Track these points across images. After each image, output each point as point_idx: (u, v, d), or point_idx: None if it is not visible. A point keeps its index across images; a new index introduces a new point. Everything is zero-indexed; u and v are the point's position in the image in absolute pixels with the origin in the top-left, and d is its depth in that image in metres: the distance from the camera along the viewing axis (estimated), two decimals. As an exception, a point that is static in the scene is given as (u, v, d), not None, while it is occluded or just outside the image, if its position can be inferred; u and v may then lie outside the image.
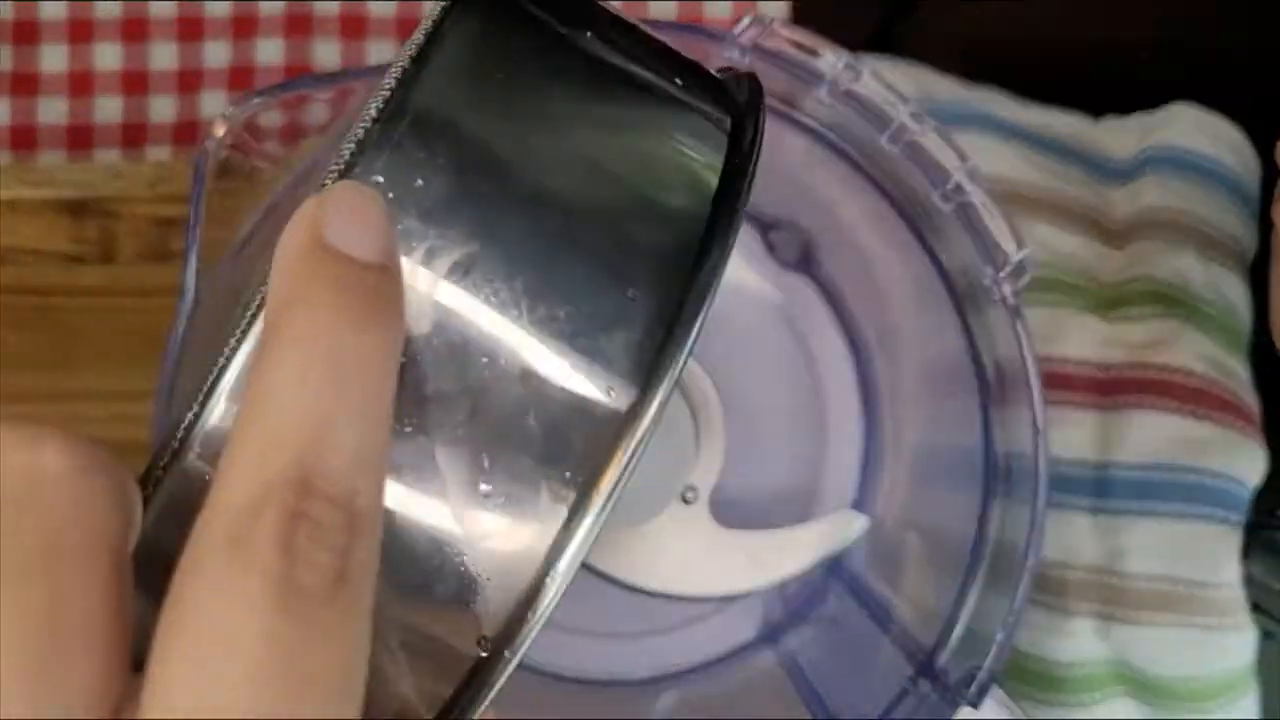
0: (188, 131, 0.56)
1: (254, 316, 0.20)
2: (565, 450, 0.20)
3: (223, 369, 0.20)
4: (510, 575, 0.20)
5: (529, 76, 0.22)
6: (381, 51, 0.56)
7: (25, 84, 0.56)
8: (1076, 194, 0.52)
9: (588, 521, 0.20)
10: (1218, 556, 0.48)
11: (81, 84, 0.56)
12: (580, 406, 0.20)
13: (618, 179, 0.22)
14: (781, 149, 0.43)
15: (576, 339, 0.20)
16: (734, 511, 0.45)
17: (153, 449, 0.20)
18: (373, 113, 0.20)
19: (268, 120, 0.36)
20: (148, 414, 0.36)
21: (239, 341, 0.20)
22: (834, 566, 0.46)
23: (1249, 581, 0.49)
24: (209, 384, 0.20)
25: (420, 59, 0.21)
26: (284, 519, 0.17)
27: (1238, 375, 0.51)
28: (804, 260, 0.47)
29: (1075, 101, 0.54)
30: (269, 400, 0.18)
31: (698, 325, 0.20)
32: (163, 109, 0.56)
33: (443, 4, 0.22)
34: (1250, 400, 0.50)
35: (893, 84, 0.36)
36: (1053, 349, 0.51)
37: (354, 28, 0.56)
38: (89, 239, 0.51)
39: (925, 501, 0.44)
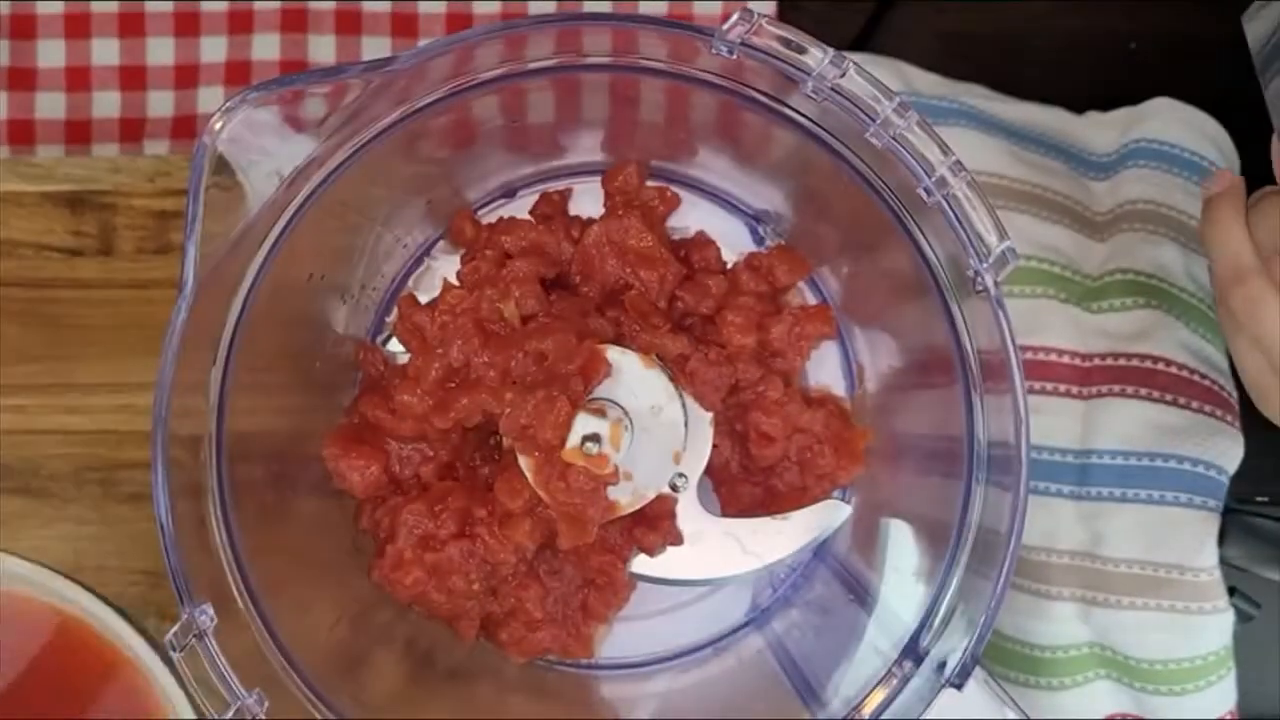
0: (185, 126, 0.56)
1: None
2: None
3: None
4: None
5: None
6: (377, 47, 0.56)
7: (22, 79, 0.56)
8: (1059, 187, 0.53)
9: None
10: (1196, 541, 0.49)
11: (79, 79, 0.56)
12: None
13: None
14: (770, 143, 0.43)
15: None
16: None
17: (152, 438, 0.20)
18: None
19: (265, 115, 0.36)
20: (147, 405, 0.37)
21: None
22: (820, 552, 0.47)
23: (1226, 565, 0.50)
24: None
25: None
26: None
27: (1217, 364, 0.51)
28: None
29: (1058, 97, 0.54)
30: None
31: None
32: (160, 104, 0.56)
33: None
34: (1229, 388, 0.51)
35: (877, 79, 0.36)
36: (1035, 339, 0.52)
37: (349, 23, 0.56)
38: (88, 232, 0.52)
39: (910, 488, 0.45)
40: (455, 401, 0.42)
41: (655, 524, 0.43)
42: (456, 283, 0.45)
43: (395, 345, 0.47)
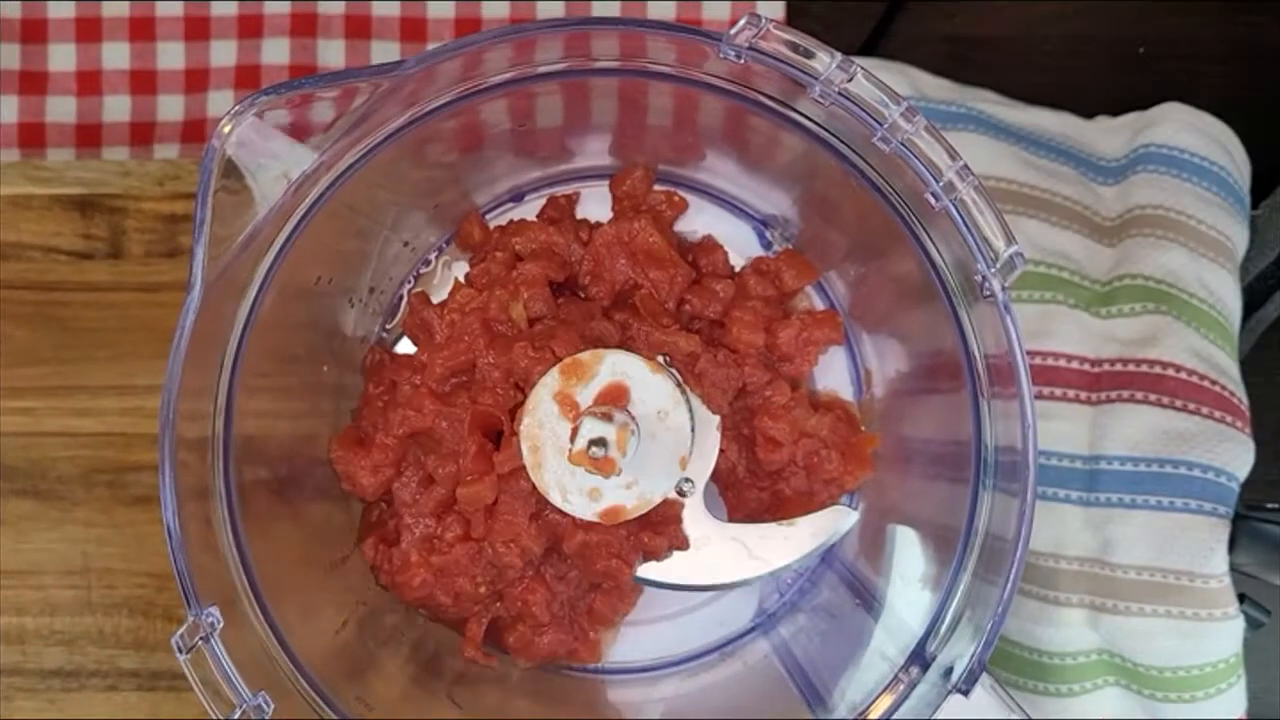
0: (195, 130, 0.56)
1: None
2: None
3: None
4: None
5: None
6: (386, 52, 0.57)
7: (33, 82, 0.57)
8: (1068, 192, 0.53)
9: None
10: (1206, 548, 0.49)
11: (90, 83, 0.57)
12: None
13: None
14: (778, 147, 0.43)
15: None
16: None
17: (159, 441, 0.20)
18: None
19: (274, 119, 0.37)
20: (155, 407, 0.37)
21: None
22: (827, 557, 0.47)
23: (1236, 572, 0.50)
24: None
25: None
26: None
27: (1226, 370, 0.51)
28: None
29: (1066, 101, 0.54)
30: None
31: None
32: (170, 108, 0.56)
33: None
34: (1239, 394, 0.51)
35: (885, 84, 0.36)
36: (1044, 344, 0.51)
37: (358, 28, 0.57)
38: (97, 235, 0.52)
39: (917, 493, 0.45)
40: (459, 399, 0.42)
41: (661, 529, 0.43)
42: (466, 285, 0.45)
43: (404, 348, 0.47)
